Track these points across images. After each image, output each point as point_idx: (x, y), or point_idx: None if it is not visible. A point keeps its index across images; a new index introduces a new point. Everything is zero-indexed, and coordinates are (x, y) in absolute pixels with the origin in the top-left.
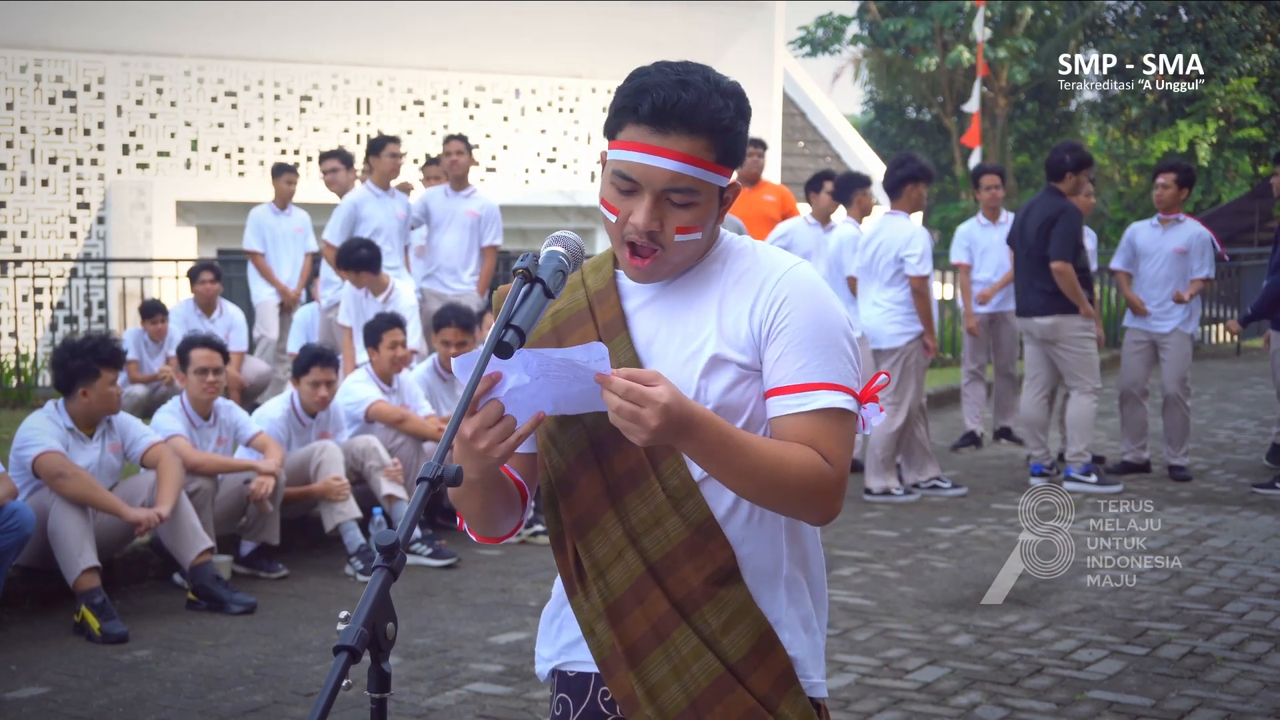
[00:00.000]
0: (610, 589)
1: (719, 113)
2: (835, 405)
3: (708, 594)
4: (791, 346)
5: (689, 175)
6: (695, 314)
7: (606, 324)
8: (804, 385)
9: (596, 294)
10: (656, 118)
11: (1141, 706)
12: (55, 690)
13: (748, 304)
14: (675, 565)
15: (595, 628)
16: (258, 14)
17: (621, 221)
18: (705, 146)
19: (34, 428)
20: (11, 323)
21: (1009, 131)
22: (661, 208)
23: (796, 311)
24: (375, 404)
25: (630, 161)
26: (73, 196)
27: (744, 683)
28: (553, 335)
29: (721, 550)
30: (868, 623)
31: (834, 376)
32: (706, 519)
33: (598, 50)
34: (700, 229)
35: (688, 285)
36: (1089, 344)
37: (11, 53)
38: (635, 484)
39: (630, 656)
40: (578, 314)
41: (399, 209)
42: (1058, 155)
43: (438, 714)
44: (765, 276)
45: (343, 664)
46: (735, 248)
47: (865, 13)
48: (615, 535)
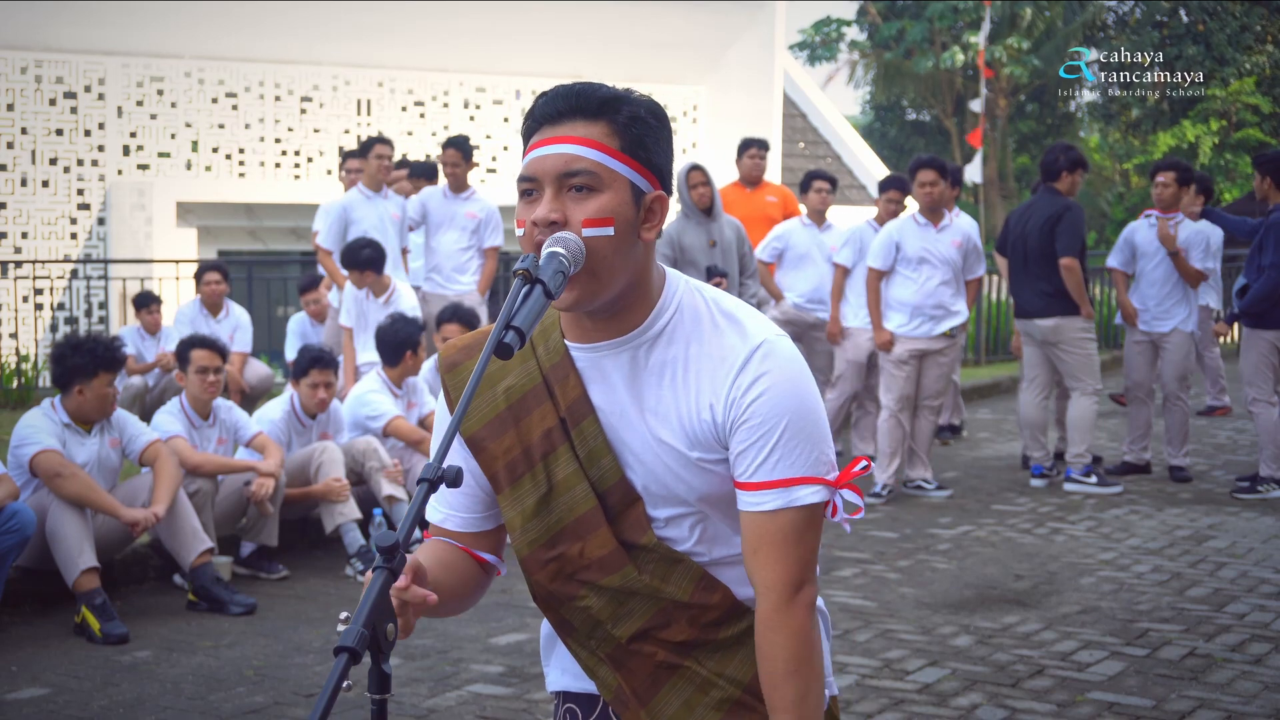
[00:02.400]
0: (604, 643)
1: (616, 100)
2: (804, 501)
3: (711, 636)
4: (756, 440)
5: (584, 157)
6: (656, 402)
7: (570, 406)
8: (769, 483)
9: (552, 369)
10: (548, 112)
11: (1142, 708)
12: (56, 691)
13: (709, 396)
14: (670, 620)
15: (598, 672)
16: (258, 15)
17: (529, 231)
18: (605, 131)
19: (31, 425)
20: (12, 324)
21: (1009, 133)
22: (562, 199)
23: (762, 404)
24: (394, 421)
25: (528, 160)
26: (73, 197)
27: (761, 700)
28: (509, 413)
29: (724, 599)
30: (868, 624)
31: (803, 469)
32: (701, 576)
33: (598, 50)
34: (611, 223)
35: (645, 364)
36: (1090, 345)
37: (12, 54)
38: (611, 570)
39: (639, 696)
40: (534, 391)
41: (392, 210)
42: (1052, 155)
43: (438, 715)
44: (731, 365)
45: (343, 665)
46: (692, 307)
47: (864, 15)
48: (597, 607)
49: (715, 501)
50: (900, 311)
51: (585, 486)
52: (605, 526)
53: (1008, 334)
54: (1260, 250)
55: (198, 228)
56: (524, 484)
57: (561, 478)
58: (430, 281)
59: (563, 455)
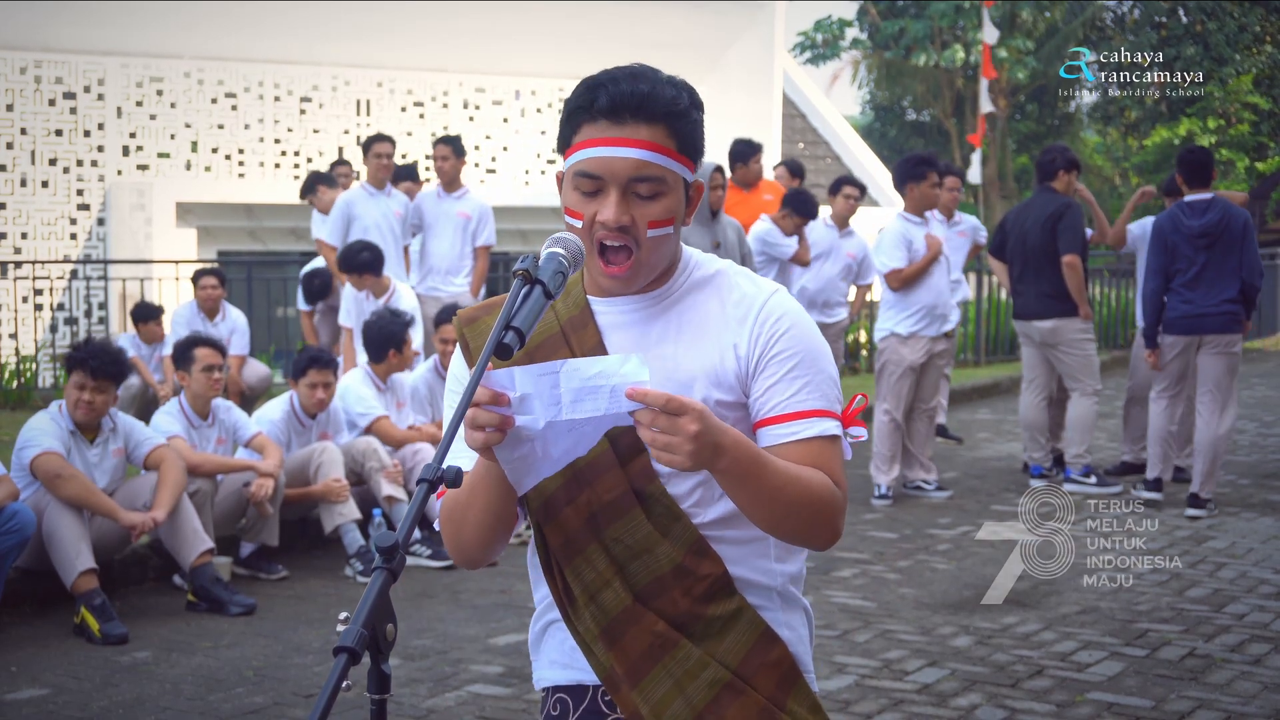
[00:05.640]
0: (603, 612)
1: (674, 100)
2: (830, 432)
3: (701, 611)
4: (783, 375)
5: (654, 163)
6: (676, 346)
7: (586, 353)
8: (801, 413)
9: (570, 320)
10: (613, 110)
11: (1141, 708)
12: (55, 692)
13: (732, 337)
14: (664, 589)
15: (594, 648)
16: (257, 15)
17: (589, 224)
18: (665, 134)
19: (36, 428)
20: (12, 324)
21: (1009, 133)
22: (629, 201)
23: (786, 340)
24: (379, 422)
25: (593, 157)
26: (73, 198)
27: (750, 683)
28: (525, 359)
29: (714, 568)
30: (868, 624)
31: (825, 403)
32: (696, 540)
33: (598, 51)
34: (672, 223)
35: (664, 312)
36: (1089, 346)
37: (11, 54)
38: (620, 514)
39: (630, 676)
40: (550, 339)
41: (395, 207)
42: (1049, 156)
43: (437, 715)
44: (749, 307)
45: (342, 665)
46: (706, 268)
47: (865, 14)
48: (601, 564)
49: None
50: (915, 312)
51: None
52: (618, 468)
53: (1007, 334)
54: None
55: (197, 228)
56: None
57: None
58: (425, 284)
59: None
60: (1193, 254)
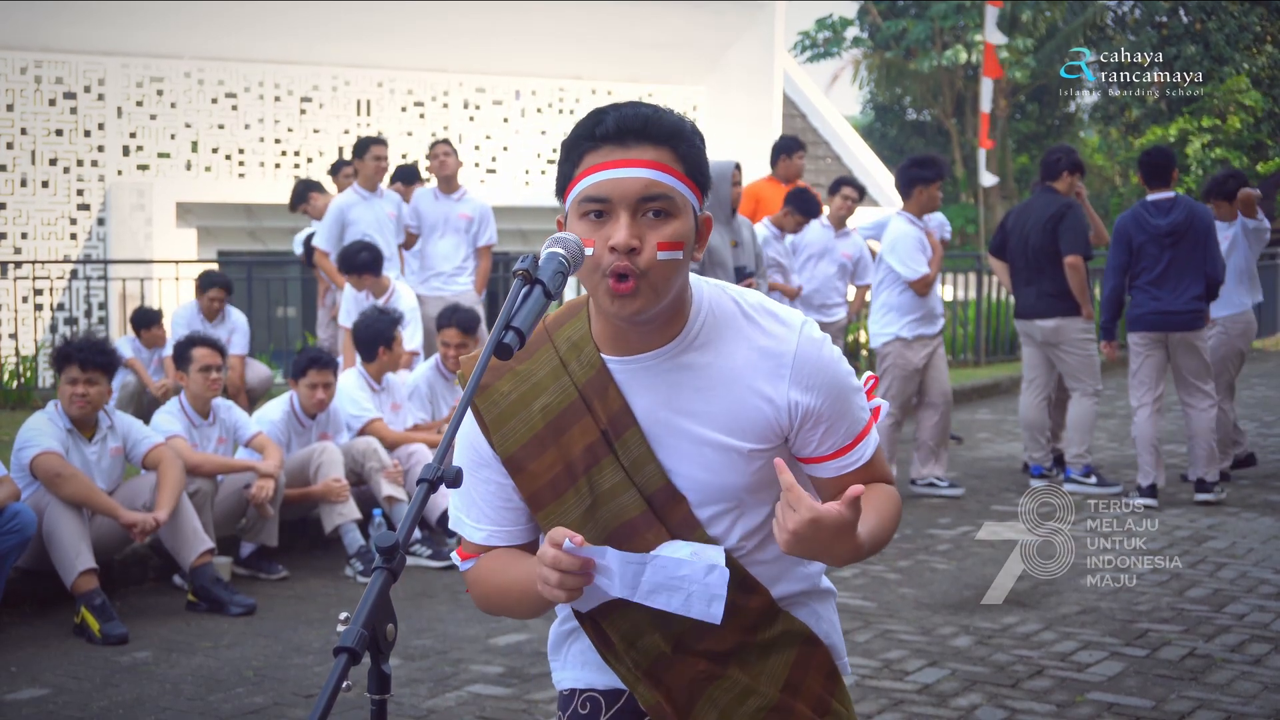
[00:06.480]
0: (644, 655)
1: (678, 124)
2: (876, 442)
3: (750, 639)
4: (830, 421)
5: (662, 183)
6: (706, 403)
7: (612, 418)
8: (852, 443)
9: (588, 383)
10: (619, 133)
11: (1142, 708)
12: (55, 692)
13: (766, 389)
14: (709, 629)
15: (637, 689)
16: (258, 15)
17: (600, 251)
18: (671, 156)
19: (34, 428)
20: (12, 324)
21: (1009, 133)
22: (639, 224)
23: (824, 390)
24: (373, 423)
25: (600, 181)
26: (73, 198)
27: (798, 696)
28: (547, 431)
29: (761, 599)
30: (868, 624)
31: (865, 418)
32: (742, 578)
33: (598, 51)
34: (682, 247)
35: (686, 366)
36: (1090, 345)
37: (11, 54)
38: None
39: (678, 710)
40: (571, 407)
41: (389, 209)
42: (1053, 156)
43: (437, 715)
44: (780, 359)
45: (343, 665)
46: (720, 308)
47: (865, 14)
48: (638, 616)
49: (757, 489)
50: (918, 315)
51: (633, 493)
52: (659, 525)
53: (1008, 334)
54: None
55: (197, 228)
56: (567, 499)
57: (607, 488)
58: (426, 285)
59: (607, 467)
60: (1158, 252)
